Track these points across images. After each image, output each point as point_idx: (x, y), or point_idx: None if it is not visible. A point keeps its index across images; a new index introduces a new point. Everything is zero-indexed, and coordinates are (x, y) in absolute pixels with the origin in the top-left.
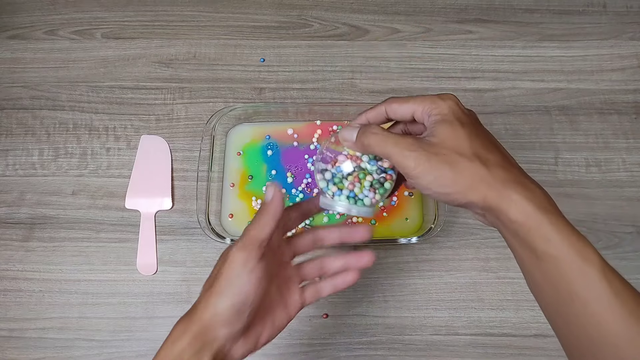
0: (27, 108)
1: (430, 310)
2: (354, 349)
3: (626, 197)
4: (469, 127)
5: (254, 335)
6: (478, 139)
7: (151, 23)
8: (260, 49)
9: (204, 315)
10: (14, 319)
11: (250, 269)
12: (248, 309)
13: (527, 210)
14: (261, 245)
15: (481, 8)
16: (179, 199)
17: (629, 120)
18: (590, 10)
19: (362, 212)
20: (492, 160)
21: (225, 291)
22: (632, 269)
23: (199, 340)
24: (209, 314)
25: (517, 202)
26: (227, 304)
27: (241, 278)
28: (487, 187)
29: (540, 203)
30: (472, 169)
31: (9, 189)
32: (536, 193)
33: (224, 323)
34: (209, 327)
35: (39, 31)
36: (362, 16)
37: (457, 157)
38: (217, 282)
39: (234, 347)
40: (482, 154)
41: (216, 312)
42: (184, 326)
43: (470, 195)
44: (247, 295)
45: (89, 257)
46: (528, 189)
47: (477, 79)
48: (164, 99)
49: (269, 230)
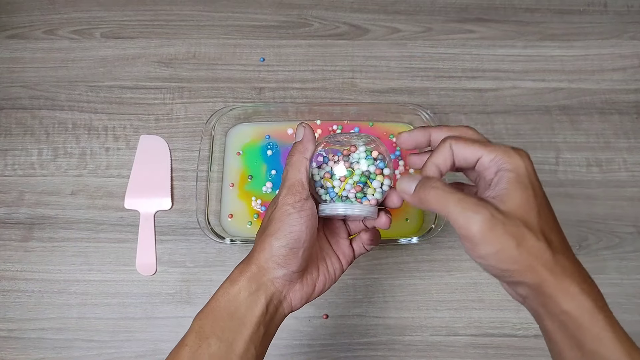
0: (26, 108)
1: (430, 311)
2: (354, 350)
3: (627, 197)
4: (540, 198)
5: (310, 280)
6: (546, 214)
7: (150, 22)
8: (260, 49)
9: (260, 257)
10: (13, 319)
11: (299, 209)
12: (302, 248)
13: (584, 305)
14: (303, 185)
15: (482, 7)
16: (178, 199)
17: (630, 120)
18: (591, 9)
19: (365, 211)
20: (556, 243)
21: (278, 232)
22: (632, 269)
23: (255, 281)
24: (265, 256)
25: (575, 295)
26: (281, 244)
27: (292, 217)
28: (547, 273)
29: (596, 299)
30: (538, 249)
31: (8, 189)
32: (593, 287)
33: (280, 263)
34: (266, 269)
35: (38, 31)
36: (363, 15)
37: (526, 231)
38: (271, 225)
39: (291, 291)
40: (547, 232)
41: (272, 252)
42: (241, 269)
43: (528, 276)
44: (300, 234)
45: (88, 258)
46: (586, 282)
47: (478, 79)
48: (164, 98)
49: (305, 169)
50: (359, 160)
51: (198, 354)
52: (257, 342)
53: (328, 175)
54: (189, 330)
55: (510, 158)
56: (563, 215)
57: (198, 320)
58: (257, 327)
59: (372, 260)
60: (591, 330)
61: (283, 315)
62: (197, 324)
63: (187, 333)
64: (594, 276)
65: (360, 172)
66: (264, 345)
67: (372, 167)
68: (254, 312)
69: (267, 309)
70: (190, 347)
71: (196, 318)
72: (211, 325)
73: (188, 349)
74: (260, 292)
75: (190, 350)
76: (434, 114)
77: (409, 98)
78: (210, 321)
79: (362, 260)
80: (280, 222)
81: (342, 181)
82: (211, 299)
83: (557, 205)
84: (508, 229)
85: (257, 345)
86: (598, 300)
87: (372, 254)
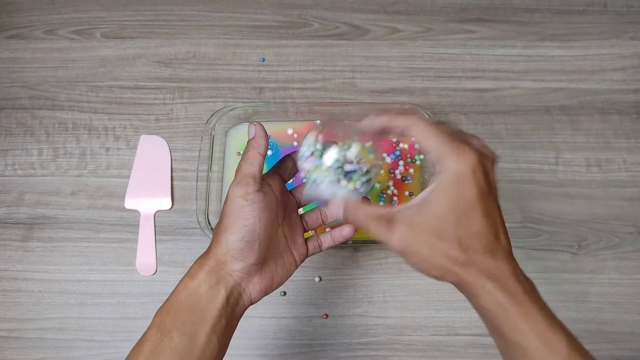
0: (26, 108)
1: (430, 311)
2: (354, 350)
3: (627, 197)
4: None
5: (268, 273)
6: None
7: (150, 23)
8: (260, 49)
9: (217, 252)
10: (13, 319)
11: (251, 201)
12: (257, 241)
13: (498, 299)
14: (255, 178)
15: (482, 7)
16: (178, 199)
17: (629, 120)
18: (591, 9)
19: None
20: (476, 247)
21: (232, 226)
22: (632, 269)
23: (214, 275)
24: (222, 250)
25: (490, 292)
26: (236, 238)
27: (244, 210)
28: (464, 272)
29: (513, 292)
30: (450, 256)
31: (8, 189)
32: (511, 281)
33: (237, 256)
34: (224, 262)
35: (38, 31)
36: (363, 15)
37: (437, 242)
38: (224, 220)
39: (250, 284)
40: (465, 239)
41: (228, 247)
42: (199, 263)
43: (448, 278)
44: (254, 226)
45: (88, 257)
46: (504, 277)
47: (478, 79)
48: (164, 98)
49: (258, 163)
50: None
51: (160, 348)
52: (219, 334)
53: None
54: (150, 326)
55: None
56: (563, 215)
57: (159, 316)
58: (219, 319)
59: (372, 260)
60: (507, 322)
61: (243, 307)
62: (158, 319)
63: (148, 329)
64: (594, 276)
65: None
66: (226, 338)
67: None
68: (214, 304)
69: (228, 302)
70: (152, 342)
71: (157, 314)
72: (172, 320)
73: (149, 344)
74: (220, 285)
75: (152, 345)
76: (434, 114)
77: (409, 98)
78: (172, 316)
79: (362, 260)
80: (233, 215)
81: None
82: (171, 294)
83: (557, 206)
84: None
85: (220, 336)
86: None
87: (372, 253)
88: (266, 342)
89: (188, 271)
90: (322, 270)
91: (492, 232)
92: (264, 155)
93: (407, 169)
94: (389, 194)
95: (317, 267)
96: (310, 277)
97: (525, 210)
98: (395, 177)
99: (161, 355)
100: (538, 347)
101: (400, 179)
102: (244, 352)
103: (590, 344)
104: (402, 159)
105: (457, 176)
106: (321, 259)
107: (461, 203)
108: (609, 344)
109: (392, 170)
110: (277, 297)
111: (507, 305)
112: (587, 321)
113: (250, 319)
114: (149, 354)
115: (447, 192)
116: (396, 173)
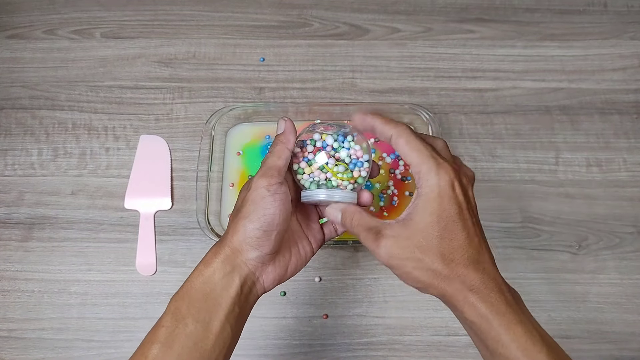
0: (26, 108)
1: (430, 311)
2: (354, 350)
3: (627, 197)
4: (446, 221)
5: (282, 262)
6: (449, 237)
7: (150, 22)
8: (260, 49)
9: (234, 239)
10: (13, 319)
11: (273, 192)
12: (275, 231)
13: (481, 311)
14: (280, 171)
15: (482, 7)
16: (178, 199)
17: (630, 120)
18: (591, 9)
19: (345, 197)
20: (458, 260)
21: (252, 215)
22: (632, 269)
23: (229, 263)
24: (238, 238)
25: (473, 304)
26: (255, 226)
27: (266, 200)
28: (446, 285)
29: (495, 304)
30: (434, 269)
31: (7, 189)
32: (493, 293)
33: (253, 245)
34: (239, 250)
35: (38, 31)
36: (363, 15)
37: (421, 256)
38: (244, 208)
39: (264, 273)
40: (448, 253)
41: (245, 235)
42: (215, 251)
43: (432, 291)
44: (273, 217)
45: (88, 258)
46: (486, 288)
47: (478, 79)
48: (164, 98)
49: (285, 158)
50: (339, 149)
51: (175, 334)
52: (232, 322)
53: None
54: (165, 312)
55: (429, 178)
56: (563, 215)
57: (174, 302)
58: (233, 307)
59: (372, 260)
60: (490, 334)
61: (257, 295)
62: (173, 306)
63: (163, 315)
64: (594, 276)
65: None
66: (239, 325)
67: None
68: (229, 292)
69: (242, 290)
70: (167, 327)
71: (172, 300)
72: (187, 307)
73: (165, 330)
74: (235, 273)
75: (167, 330)
76: (434, 114)
77: (409, 98)
78: (186, 302)
79: (362, 260)
80: (254, 204)
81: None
82: (186, 282)
83: (557, 205)
84: (406, 256)
85: (233, 324)
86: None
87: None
88: (266, 342)
89: (203, 258)
90: (322, 270)
91: (473, 246)
92: (292, 151)
93: (407, 168)
94: (389, 194)
95: (317, 267)
96: (311, 277)
97: (525, 210)
98: (396, 177)
99: (176, 341)
100: (520, 358)
101: (401, 179)
102: (244, 352)
103: (590, 344)
104: (402, 159)
105: (438, 192)
106: (321, 259)
107: (442, 217)
108: (609, 344)
109: (392, 170)
110: (277, 297)
111: (490, 317)
112: (587, 321)
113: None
114: (164, 339)
115: (429, 207)
116: (396, 173)
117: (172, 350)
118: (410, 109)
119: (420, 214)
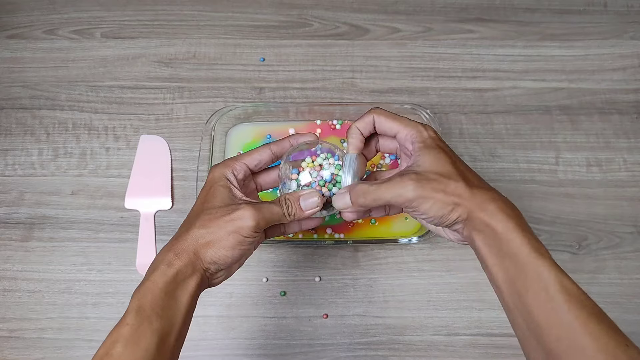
0: (27, 108)
1: (430, 311)
2: (354, 350)
3: (627, 197)
4: (449, 153)
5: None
6: (459, 162)
7: (151, 22)
8: (260, 49)
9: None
10: (13, 319)
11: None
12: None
13: (498, 216)
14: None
15: (482, 7)
16: (178, 199)
17: (630, 119)
18: (591, 9)
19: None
20: (473, 180)
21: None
22: (632, 269)
23: (192, 266)
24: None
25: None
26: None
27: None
28: (469, 202)
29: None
30: (458, 189)
31: (8, 189)
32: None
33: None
34: (202, 259)
35: (38, 31)
36: (363, 15)
37: (444, 180)
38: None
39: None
40: (465, 173)
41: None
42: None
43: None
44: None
45: (88, 257)
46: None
47: (478, 79)
48: (164, 98)
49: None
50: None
51: (140, 331)
52: (190, 316)
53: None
54: (127, 310)
55: (419, 132)
56: (563, 215)
57: (136, 300)
58: (191, 303)
59: (372, 260)
60: (505, 235)
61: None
62: (135, 304)
63: (126, 313)
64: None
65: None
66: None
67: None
68: (189, 290)
69: (199, 288)
70: (132, 325)
71: (133, 298)
72: (151, 305)
73: (129, 328)
74: (196, 274)
75: (132, 328)
76: (434, 114)
77: (409, 98)
78: (149, 300)
79: (362, 260)
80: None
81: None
82: (147, 281)
83: (557, 205)
84: (432, 184)
85: (190, 317)
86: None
87: (372, 253)
88: (267, 342)
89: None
90: (322, 270)
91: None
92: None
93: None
94: None
95: (317, 267)
96: (311, 277)
97: (525, 210)
98: None
99: (142, 338)
100: (528, 253)
101: None
102: (244, 352)
103: None
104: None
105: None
106: (321, 259)
107: (446, 151)
108: None
109: None
110: (277, 297)
111: (507, 220)
112: None
113: (251, 319)
114: (129, 336)
115: (430, 150)
116: None
117: (138, 347)
118: (411, 109)
119: (425, 154)
